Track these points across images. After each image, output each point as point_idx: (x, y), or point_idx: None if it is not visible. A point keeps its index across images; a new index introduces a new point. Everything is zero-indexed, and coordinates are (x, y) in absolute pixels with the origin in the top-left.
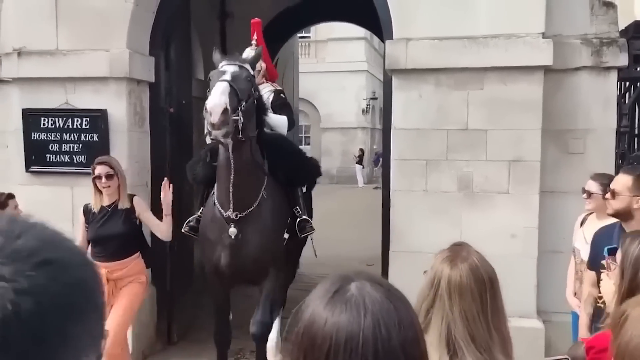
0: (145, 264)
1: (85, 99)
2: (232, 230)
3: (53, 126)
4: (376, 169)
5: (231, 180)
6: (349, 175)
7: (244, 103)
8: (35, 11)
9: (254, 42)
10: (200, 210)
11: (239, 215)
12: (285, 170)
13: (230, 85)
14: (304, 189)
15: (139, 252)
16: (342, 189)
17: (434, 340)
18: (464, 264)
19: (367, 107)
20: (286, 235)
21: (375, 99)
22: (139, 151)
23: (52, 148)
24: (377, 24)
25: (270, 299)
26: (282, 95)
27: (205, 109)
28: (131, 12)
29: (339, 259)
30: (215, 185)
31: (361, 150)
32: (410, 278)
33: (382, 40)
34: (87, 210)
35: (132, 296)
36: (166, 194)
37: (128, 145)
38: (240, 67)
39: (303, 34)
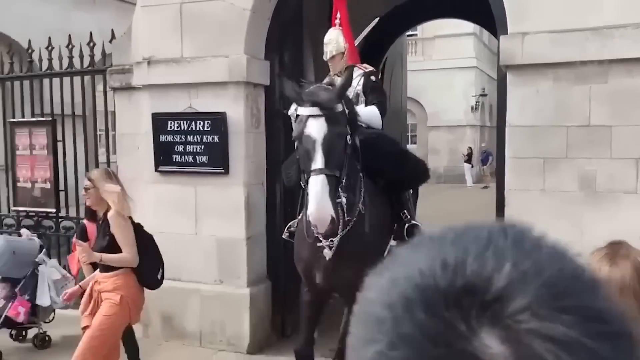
0: (143, 284)
1: (206, 103)
2: (327, 252)
3: (178, 129)
4: (484, 167)
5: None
6: (456, 175)
7: (343, 182)
8: (162, 23)
9: (337, 21)
10: (300, 216)
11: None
12: (385, 175)
13: (327, 176)
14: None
15: (123, 270)
16: (450, 189)
17: None
18: (625, 262)
19: (476, 104)
20: (393, 242)
21: (485, 95)
22: (255, 151)
23: (177, 149)
24: (488, 18)
25: None
26: (372, 77)
27: (309, 220)
28: (248, 19)
29: None
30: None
31: (470, 148)
32: None
33: (495, 35)
34: None
35: (100, 317)
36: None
37: (245, 146)
38: (328, 118)
39: (410, 32)
